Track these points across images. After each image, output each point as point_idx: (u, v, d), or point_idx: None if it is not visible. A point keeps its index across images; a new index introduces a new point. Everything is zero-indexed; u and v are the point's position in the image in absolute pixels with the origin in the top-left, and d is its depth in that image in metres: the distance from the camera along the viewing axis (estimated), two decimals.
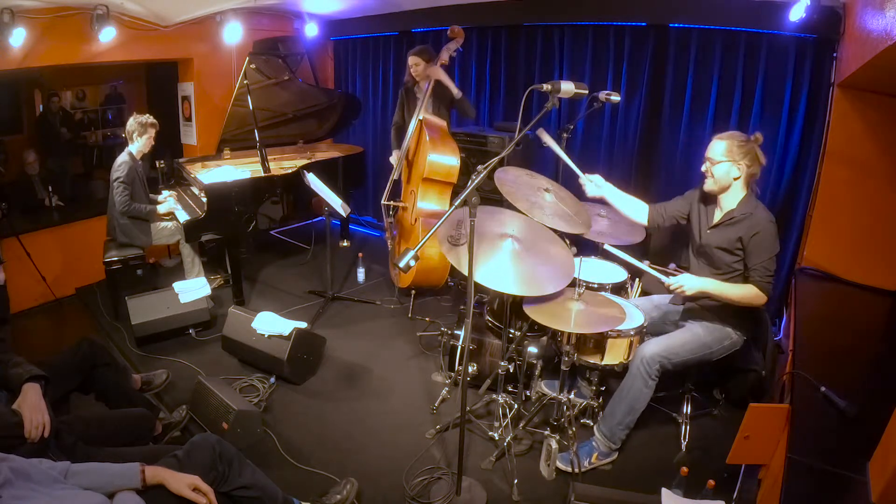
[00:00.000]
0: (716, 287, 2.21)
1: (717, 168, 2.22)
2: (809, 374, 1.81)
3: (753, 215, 2.19)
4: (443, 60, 3.59)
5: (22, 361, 1.89)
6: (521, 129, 1.97)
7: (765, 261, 2.15)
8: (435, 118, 3.68)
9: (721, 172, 2.22)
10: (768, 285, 2.16)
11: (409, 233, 3.75)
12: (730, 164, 2.19)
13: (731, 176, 2.21)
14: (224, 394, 2.52)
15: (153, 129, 3.65)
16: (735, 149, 2.18)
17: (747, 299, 2.18)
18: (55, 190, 4.87)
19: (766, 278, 2.15)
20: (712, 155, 2.23)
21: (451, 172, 3.56)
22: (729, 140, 2.21)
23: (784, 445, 1.63)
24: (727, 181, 2.22)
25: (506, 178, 2.33)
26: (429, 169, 3.50)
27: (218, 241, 3.79)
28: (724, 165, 2.20)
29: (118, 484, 1.51)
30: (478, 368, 2.77)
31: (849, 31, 2.63)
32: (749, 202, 2.23)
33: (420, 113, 3.61)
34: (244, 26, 4.48)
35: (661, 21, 3.46)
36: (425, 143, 3.53)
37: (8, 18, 3.32)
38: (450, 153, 3.55)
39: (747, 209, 2.21)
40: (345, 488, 2.15)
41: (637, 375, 2.24)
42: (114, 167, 3.58)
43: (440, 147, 3.52)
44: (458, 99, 3.63)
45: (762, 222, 2.16)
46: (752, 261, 2.18)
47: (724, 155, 2.20)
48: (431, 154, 3.48)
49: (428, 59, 3.66)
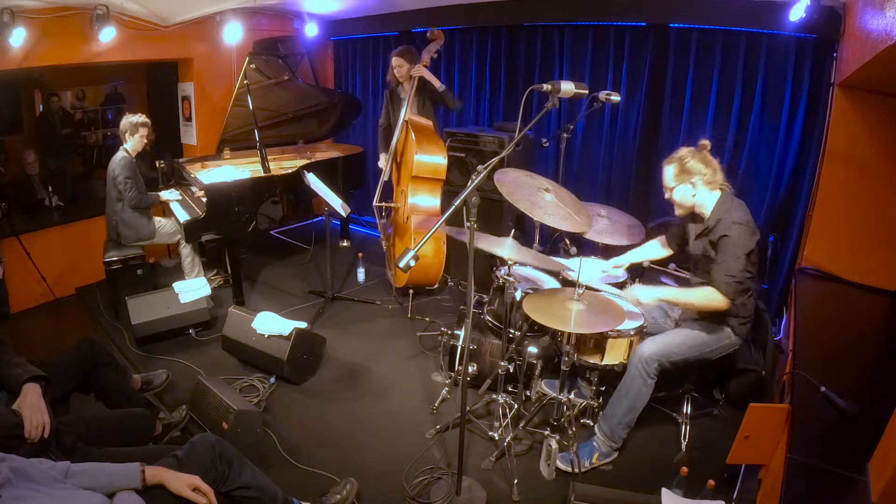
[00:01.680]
0: (671, 294, 2.25)
1: (675, 193, 2.26)
2: (809, 374, 1.81)
3: (723, 220, 2.18)
4: (424, 62, 3.66)
5: (22, 361, 1.89)
6: (521, 129, 1.97)
7: (726, 261, 2.13)
8: (421, 119, 3.74)
9: (679, 196, 2.26)
10: (728, 286, 2.11)
11: (403, 231, 3.76)
12: (682, 185, 2.23)
13: (689, 195, 2.24)
14: (224, 394, 2.52)
15: (144, 128, 3.65)
16: (680, 172, 2.21)
17: (704, 302, 2.17)
18: (55, 190, 4.87)
19: (725, 279, 2.11)
20: (665, 182, 2.27)
21: (438, 170, 3.61)
22: (671, 164, 2.25)
23: (784, 445, 1.63)
24: (689, 201, 2.26)
25: (505, 178, 2.33)
26: (417, 168, 3.55)
27: (218, 241, 3.79)
28: (679, 189, 2.24)
29: (118, 484, 1.51)
30: (478, 368, 2.77)
31: (849, 31, 2.63)
32: (722, 206, 2.22)
33: (407, 113, 3.66)
34: (244, 26, 4.48)
35: (661, 21, 3.46)
36: (412, 143, 3.58)
37: (8, 18, 3.32)
38: (436, 151, 3.60)
39: (719, 214, 2.21)
40: (344, 488, 2.15)
41: (636, 374, 2.24)
42: (112, 165, 3.58)
43: (426, 146, 3.56)
44: (441, 91, 3.69)
45: (730, 225, 2.15)
46: (715, 261, 2.18)
47: (673, 180, 2.24)
48: (418, 154, 3.53)
49: (411, 60, 3.70)
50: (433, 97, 3.81)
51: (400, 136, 3.73)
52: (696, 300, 2.20)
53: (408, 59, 3.70)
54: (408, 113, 3.70)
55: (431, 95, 3.80)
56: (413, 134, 3.57)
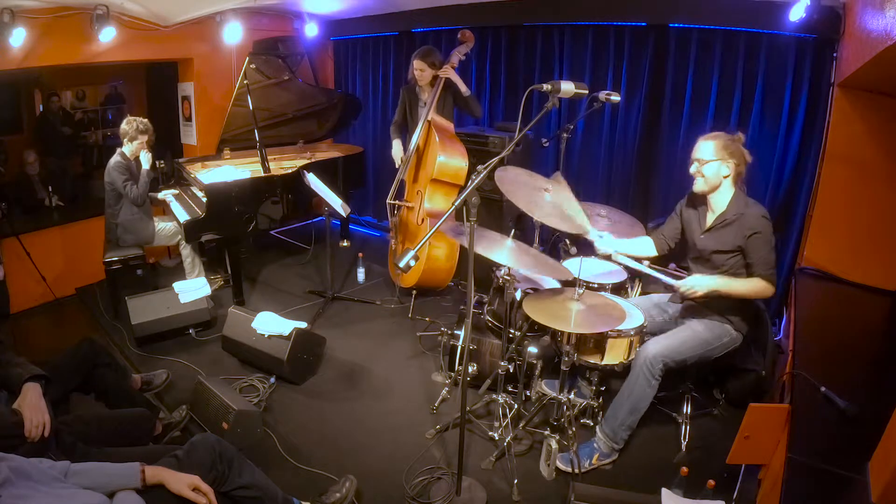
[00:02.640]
0: (725, 284, 2.23)
1: (708, 167, 2.25)
2: (809, 374, 1.81)
3: (745, 215, 2.21)
4: (452, 64, 3.57)
5: (22, 361, 1.89)
6: (521, 129, 1.97)
7: (765, 255, 2.18)
8: (444, 120, 3.67)
9: (712, 172, 2.25)
10: (773, 276, 2.19)
11: (414, 233, 3.75)
12: (719, 162, 2.23)
13: (721, 175, 2.25)
14: (224, 394, 2.52)
15: (145, 135, 3.63)
16: (723, 148, 2.23)
17: (756, 292, 2.21)
18: (55, 190, 4.88)
19: (769, 270, 2.18)
20: (701, 155, 2.27)
21: (459, 174, 3.58)
22: (717, 140, 2.25)
23: (784, 445, 1.62)
24: (717, 180, 2.26)
25: (506, 176, 2.33)
26: (438, 170, 3.52)
27: (218, 241, 3.79)
28: (714, 164, 2.24)
29: (118, 484, 1.51)
30: (478, 368, 2.77)
31: (849, 31, 2.62)
32: (739, 201, 2.26)
33: (430, 114, 3.60)
34: (244, 26, 4.48)
35: (661, 21, 3.46)
36: (435, 144, 3.54)
37: (8, 18, 3.32)
38: (458, 156, 3.57)
39: (738, 209, 2.24)
40: (344, 486, 2.15)
41: (640, 375, 2.24)
42: (107, 170, 3.59)
43: (450, 149, 3.54)
44: (468, 97, 3.61)
45: (757, 221, 2.19)
46: (753, 257, 2.21)
47: (713, 154, 2.24)
48: (441, 156, 3.50)
49: (433, 64, 3.59)
50: (456, 100, 3.68)
51: (421, 136, 3.64)
52: (748, 291, 2.22)
53: (430, 64, 3.57)
54: (430, 114, 3.60)
55: (454, 98, 3.67)
56: (437, 134, 3.52)
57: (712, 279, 2.24)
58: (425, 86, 3.72)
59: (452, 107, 3.77)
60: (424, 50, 3.63)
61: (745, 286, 2.22)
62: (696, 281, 2.24)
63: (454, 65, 3.58)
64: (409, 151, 3.73)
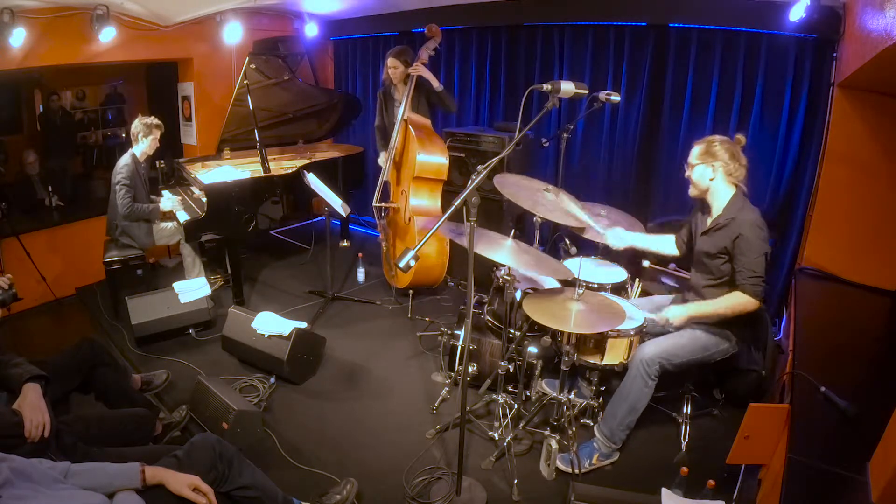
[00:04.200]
0: (700, 309, 2.22)
1: (694, 172, 2.27)
2: (809, 374, 1.81)
3: (736, 219, 2.18)
4: (422, 60, 3.60)
5: (22, 361, 1.89)
6: (521, 129, 1.97)
7: (749, 262, 2.12)
8: (419, 117, 3.69)
9: (697, 175, 2.26)
10: (755, 287, 2.12)
11: (404, 232, 3.75)
12: (703, 166, 2.23)
13: (707, 178, 2.24)
14: (224, 394, 2.52)
15: (158, 130, 3.66)
16: (705, 151, 2.23)
17: (737, 308, 2.16)
18: (55, 190, 4.87)
19: (751, 280, 2.12)
20: (689, 159, 2.29)
21: (440, 170, 3.59)
22: (702, 144, 2.26)
23: (784, 445, 1.62)
24: (704, 184, 2.26)
25: (506, 181, 2.34)
26: (419, 168, 3.52)
27: (218, 241, 3.79)
28: (699, 168, 2.25)
29: (118, 484, 1.51)
30: (478, 368, 2.77)
31: (849, 31, 2.63)
32: (734, 205, 2.22)
33: (405, 112, 3.62)
34: (244, 26, 4.48)
35: (661, 21, 3.46)
36: (413, 142, 3.54)
37: (8, 18, 3.32)
38: (438, 151, 3.57)
39: (731, 213, 2.21)
40: (344, 488, 2.15)
41: (637, 376, 2.24)
42: (115, 169, 3.58)
43: (428, 146, 3.54)
44: (439, 92, 3.62)
45: (744, 225, 2.14)
46: (738, 262, 2.16)
47: (696, 158, 2.25)
48: (420, 153, 3.50)
49: (407, 62, 3.65)
50: (429, 97, 3.73)
51: (399, 136, 3.70)
52: (727, 309, 2.17)
53: (403, 61, 3.65)
54: (405, 112, 3.64)
55: (428, 95, 3.72)
56: (414, 132, 3.53)
57: (689, 307, 2.25)
58: (399, 84, 3.76)
59: (429, 106, 3.79)
60: (398, 49, 3.73)
61: (720, 305, 2.19)
62: (672, 312, 2.25)
63: (424, 61, 3.60)
64: (390, 152, 3.75)
